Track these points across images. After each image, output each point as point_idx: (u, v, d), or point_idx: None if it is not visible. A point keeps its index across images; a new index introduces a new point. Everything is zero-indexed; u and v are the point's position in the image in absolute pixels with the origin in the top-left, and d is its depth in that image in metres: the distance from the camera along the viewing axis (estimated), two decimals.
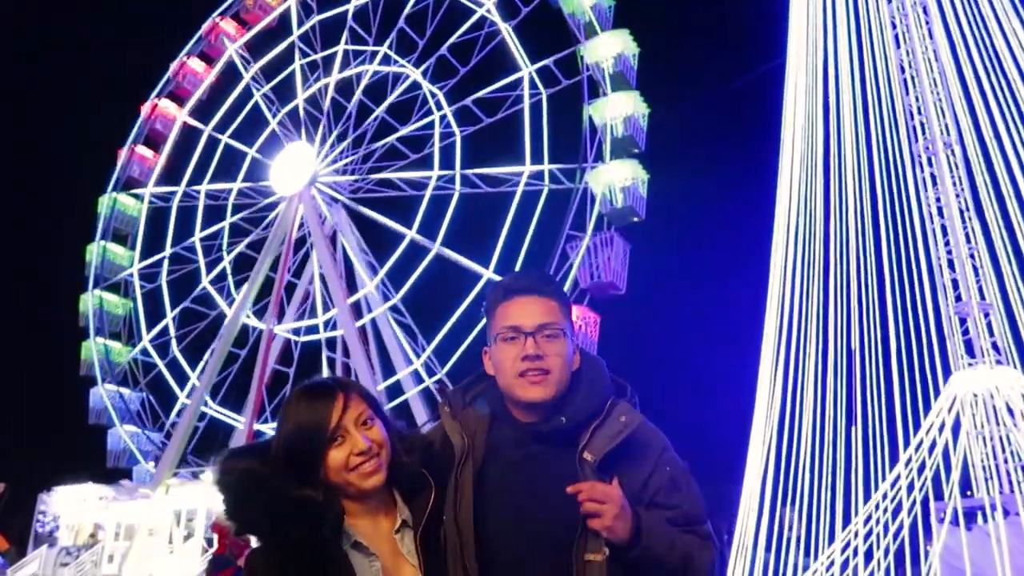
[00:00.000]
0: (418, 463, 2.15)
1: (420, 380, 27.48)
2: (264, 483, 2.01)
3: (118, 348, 33.80)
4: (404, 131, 29.96)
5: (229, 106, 34.63)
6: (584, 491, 1.99)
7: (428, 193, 28.70)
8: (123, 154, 35.55)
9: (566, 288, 23.92)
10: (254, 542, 2.05)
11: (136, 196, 35.41)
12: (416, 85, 30.41)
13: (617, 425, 2.13)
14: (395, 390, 27.46)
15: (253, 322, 32.11)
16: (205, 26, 35.58)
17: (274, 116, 33.44)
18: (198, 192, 34.12)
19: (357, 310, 30.01)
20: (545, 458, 2.12)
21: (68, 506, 32.68)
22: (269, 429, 28.48)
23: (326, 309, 31.22)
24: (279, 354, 31.75)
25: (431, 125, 29.45)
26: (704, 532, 2.13)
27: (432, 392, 26.59)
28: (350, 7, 32.14)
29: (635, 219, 24.98)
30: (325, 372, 29.50)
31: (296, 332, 32.03)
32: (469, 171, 28.33)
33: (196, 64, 35.91)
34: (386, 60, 31.52)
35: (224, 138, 34.23)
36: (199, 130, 35.08)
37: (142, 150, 35.54)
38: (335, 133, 31.43)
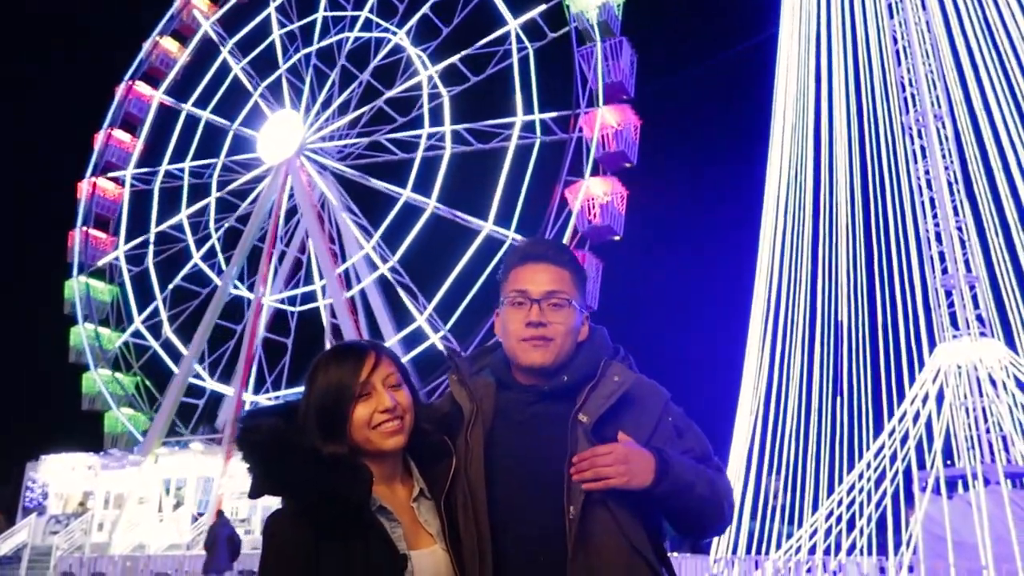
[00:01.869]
0: (439, 432, 2.17)
1: (411, 347, 27.45)
2: (294, 441, 1.98)
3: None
4: (391, 93, 29.60)
5: (207, 82, 34.08)
6: (585, 459, 2.00)
7: (420, 152, 28.48)
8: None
9: (566, 235, 24.19)
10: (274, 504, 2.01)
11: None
12: (400, 48, 29.99)
13: (611, 385, 2.15)
14: None
15: (246, 295, 31.92)
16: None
17: (255, 88, 32.93)
18: (181, 171, 33.68)
19: (348, 279, 29.90)
20: (549, 417, 2.15)
21: (57, 475, 32.73)
22: (264, 399, 28.47)
23: (321, 277, 31.07)
24: (271, 324, 31.67)
25: (418, 87, 29.12)
26: (716, 464, 2.22)
27: (426, 357, 26.59)
28: None
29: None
30: (327, 339, 29.49)
31: (292, 302, 31.87)
32: (460, 126, 28.10)
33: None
34: (367, 25, 31.03)
35: (205, 114, 33.67)
36: (177, 109, 34.50)
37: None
38: (319, 101, 31.00)
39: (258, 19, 33.60)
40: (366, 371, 2.06)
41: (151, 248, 33.43)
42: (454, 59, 28.39)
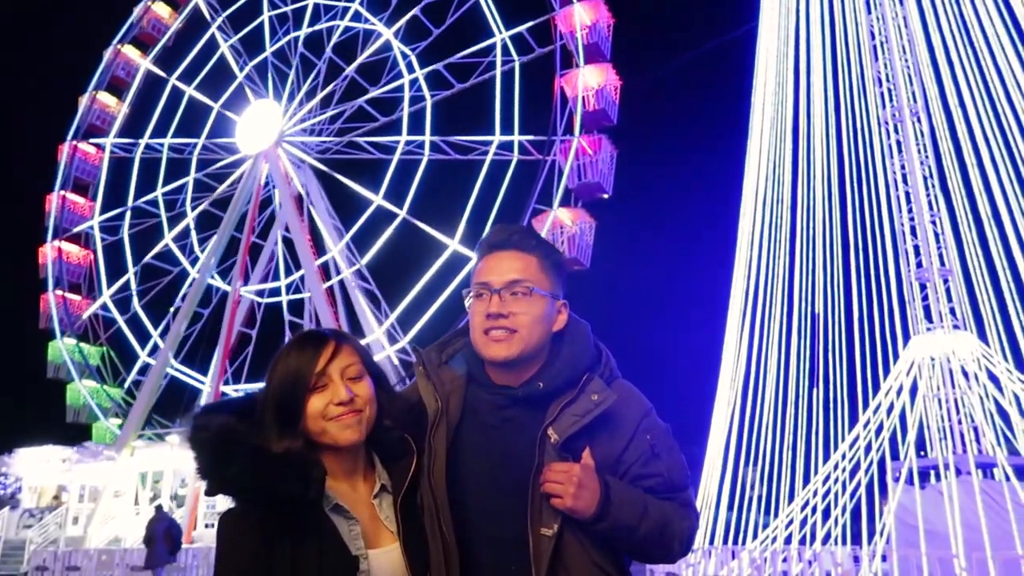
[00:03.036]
0: (401, 428, 2.09)
1: (392, 341, 27.39)
2: (244, 438, 1.91)
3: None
4: (373, 93, 29.40)
5: (195, 56, 33.64)
6: (544, 475, 1.97)
7: (396, 158, 28.33)
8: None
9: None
10: (225, 503, 1.96)
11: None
12: (387, 45, 29.79)
13: (588, 404, 2.04)
14: None
15: (217, 282, 31.66)
16: None
17: (241, 69, 32.55)
18: (161, 145, 33.25)
19: (324, 273, 29.74)
20: (520, 423, 2.06)
21: (30, 468, 32.31)
22: (232, 391, 28.26)
23: (288, 272, 30.89)
24: (246, 316, 31.44)
25: (401, 88, 28.97)
26: (684, 499, 2.09)
27: (395, 359, 26.49)
28: None
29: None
30: (287, 335, 29.32)
31: (260, 294, 31.67)
32: (438, 138, 27.98)
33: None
34: (357, 17, 30.79)
35: (189, 90, 33.29)
36: (163, 79, 34.04)
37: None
38: (303, 91, 30.73)
39: None
40: (323, 360, 1.98)
41: (127, 220, 33.05)
42: (439, 65, 28.24)
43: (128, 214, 33.09)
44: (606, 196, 24.89)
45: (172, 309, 31.38)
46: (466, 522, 2.01)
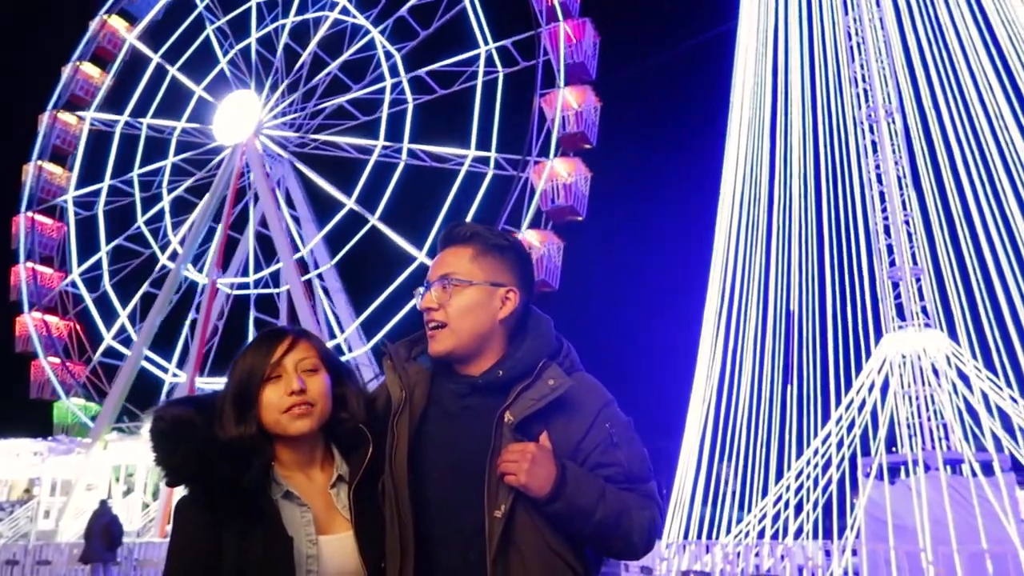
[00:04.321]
0: (358, 419, 2.15)
1: (371, 336, 27.40)
2: (194, 428, 2.00)
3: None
4: (354, 94, 29.30)
5: (180, 35, 33.20)
6: (500, 456, 1.99)
7: (372, 161, 28.25)
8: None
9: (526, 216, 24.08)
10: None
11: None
12: (372, 44, 29.67)
13: (544, 388, 2.06)
14: (340, 350, 27.33)
15: (190, 273, 31.41)
16: None
17: (225, 54, 32.22)
18: (140, 124, 32.85)
19: (301, 267, 29.62)
20: (480, 410, 2.09)
21: (1, 461, 31.83)
22: (204, 383, 28.06)
23: (257, 267, 30.75)
24: (229, 307, 31.25)
25: (383, 91, 28.88)
26: (645, 491, 2.10)
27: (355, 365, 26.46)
28: None
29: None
30: (251, 328, 29.25)
31: (231, 286, 31.47)
32: (415, 146, 27.91)
33: None
34: (346, 11, 30.63)
35: (172, 70, 32.89)
36: (147, 57, 33.57)
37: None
38: (285, 84, 30.51)
39: None
40: (278, 353, 2.07)
41: (103, 196, 32.63)
42: (421, 71, 28.15)
43: (104, 191, 32.65)
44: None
45: (140, 293, 31.04)
46: (425, 509, 2.03)
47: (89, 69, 33.93)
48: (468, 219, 25.26)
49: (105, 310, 31.65)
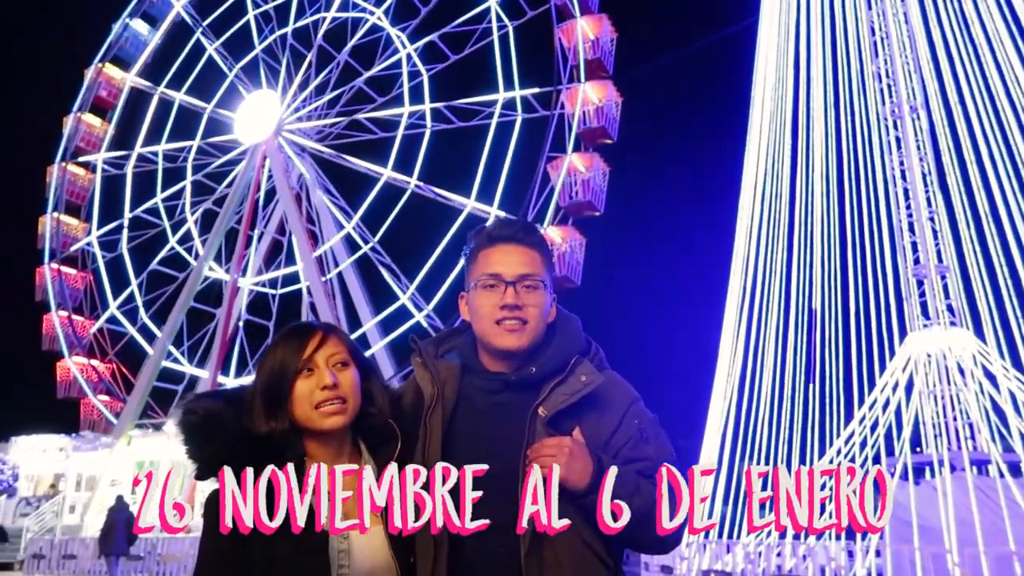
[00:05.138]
0: (386, 415, 2.16)
1: (389, 332, 27.50)
2: (225, 421, 2.02)
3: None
4: (371, 72, 29.35)
5: (180, 64, 33.43)
6: (532, 450, 2.01)
7: (400, 131, 28.30)
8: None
9: (548, 210, 24.27)
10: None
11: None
12: (377, 28, 29.74)
13: (577, 384, 2.12)
14: (362, 343, 27.43)
15: (224, 277, 31.60)
16: None
17: (230, 70, 32.44)
18: (155, 154, 33.08)
19: (328, 260, 29.76)
20: (512, 407, 2.13)
21: (27, 457, 32.35)
22: (231, 382, 28.34)
23: (279, 265, 30.93)
24: (252, 307, 31.45)
25: (397, 65, 28.91)
26: None
27: (405, 341, 26.62)
28: None
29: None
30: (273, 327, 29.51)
31: (273, 284, 31.63)
32: (440, 104, 27.97)
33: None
34: (344, 6, 30.69)
35: (179, 96, 33.09)
36: (149, 92, 33.84)
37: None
38: (297, 82, 30.66)
39: (231, 0, 33.06)
40: (310, 348, 2.08)
41: (125, 233, 32.92)
42: (433, 37, 28.21)
43: (126, 227, 32.88)
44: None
45: (145, 272, 31.36)
46: (456, 503, 2.02)
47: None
48: (507, 162, 25.47)
49: (149, 339, 31.89)
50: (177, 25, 34.00)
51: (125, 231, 32.88)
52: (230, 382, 28.58)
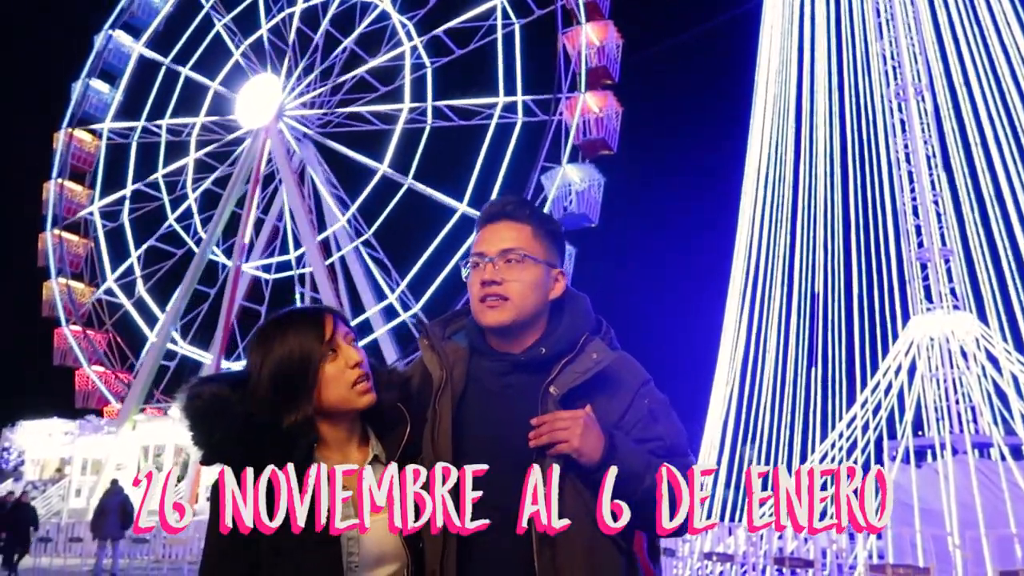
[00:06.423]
0: (395, 398, 2.13)
1: (392, 317, 27.51)
2: (231, 406, 1.97)
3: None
4: (374, 63, 29.19)
5: (188, 37, 33.32)
6: (545, 422, 1.98)
7: (399, 127, 28.17)
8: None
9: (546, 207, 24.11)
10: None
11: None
12: (384, 15, 29.53)
13: (588, 362, 2.10)
14: (364, 329, 27.44)
15: (222, 259, 31.64)
16: None
17: (237, 48, 32.26)
18: (159, 127, 33.00)
19: (328, 247, 29.74)
20: (522, 388, 2.10)
21: (33, 441, 32.57)
22: (236, 366, 28.40)
23: (297, 246, 30.88)
24: (248, 291, 31.46)
25: (401, 57, 28.73)
26: (686, 464, 2.07)
27: (403, 329, 26.64)
28: None
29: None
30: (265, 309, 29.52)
31: (267, 269, 31.66)
32: (441, 103, 27.82)
33: None
34: None
35: (185, 71, 32.99)
36: (157, 63, 33.74)
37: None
38: (301, 65, 30.51)
39: None
40: (328, 331, 2.05)
41: (127, 205, 32.93)
42: (439, 31, 27.98)
43: (127, 199, 32.91)
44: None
45: (143, 247, 31.40)
46: None
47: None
48: (504, 166, 25.39)
49: (144, 313, 31.95)
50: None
51: (127, 203, 32.89)
52: (226, 366, 28.67)
